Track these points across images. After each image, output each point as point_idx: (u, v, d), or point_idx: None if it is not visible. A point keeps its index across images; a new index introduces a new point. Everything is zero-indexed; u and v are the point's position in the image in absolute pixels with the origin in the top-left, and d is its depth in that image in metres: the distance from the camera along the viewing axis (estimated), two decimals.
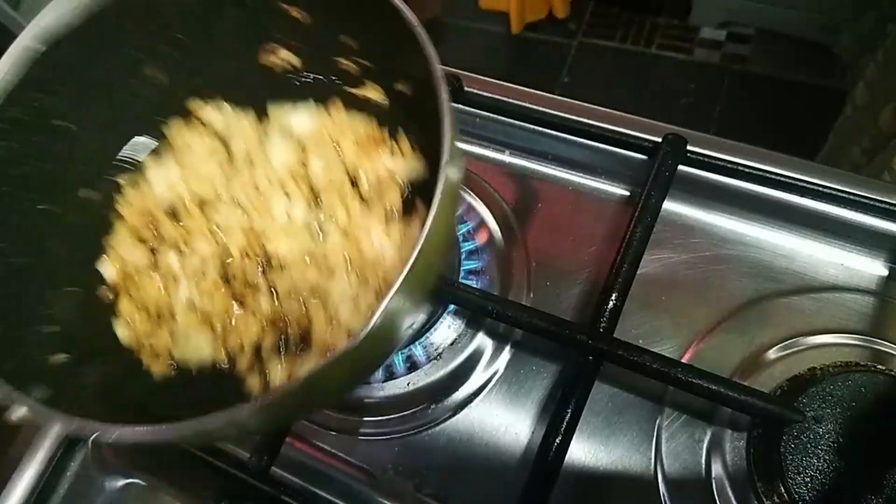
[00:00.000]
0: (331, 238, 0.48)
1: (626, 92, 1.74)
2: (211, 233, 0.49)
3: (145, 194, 0.51)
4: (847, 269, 0.54)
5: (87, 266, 0.49)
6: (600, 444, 0.51)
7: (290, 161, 0.51)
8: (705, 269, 0.56)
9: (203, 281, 0.48)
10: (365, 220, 0.47)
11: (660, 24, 1.81)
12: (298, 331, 0.46)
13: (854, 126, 1.02)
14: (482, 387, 0.54)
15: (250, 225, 0.49)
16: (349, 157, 0.50)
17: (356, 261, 0.47)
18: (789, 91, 1.62)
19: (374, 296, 0.45)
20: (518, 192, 0.64)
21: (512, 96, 0.63)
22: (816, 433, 0.43)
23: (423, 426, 0.54)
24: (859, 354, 0.49)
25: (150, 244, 0.50)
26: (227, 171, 0.51)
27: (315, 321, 0.45)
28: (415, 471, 0.52)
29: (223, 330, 0.47)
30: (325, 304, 0.46)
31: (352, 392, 0.52)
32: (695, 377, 0.45)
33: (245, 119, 0.53)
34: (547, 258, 0.59)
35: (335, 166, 0.50)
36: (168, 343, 0.47)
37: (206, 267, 0.48)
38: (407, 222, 0.47)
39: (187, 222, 0.50)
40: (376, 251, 0.46)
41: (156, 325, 0.48)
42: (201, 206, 0.50)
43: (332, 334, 0.45)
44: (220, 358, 0.46)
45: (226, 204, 0.50)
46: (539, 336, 0.50)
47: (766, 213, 0.57)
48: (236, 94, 0.53)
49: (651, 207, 0.53)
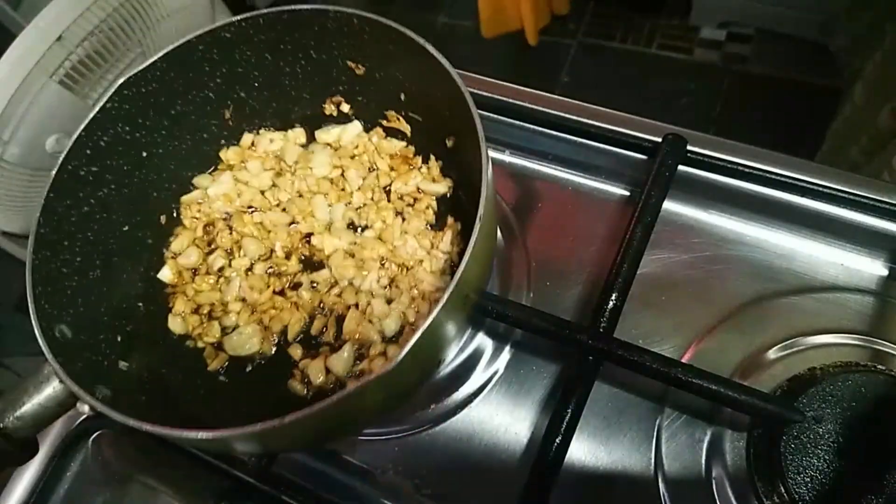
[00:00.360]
0: (368, 240, 0.55)
1: (626, 92, 1.74)
2: (259, 235, 0.57)
3: (205, 206, 0.59)
4: (847, 269, 0.54)
5: (147, 276, 0.56)
6: (600, 444, 0.51)
7: (331, 172, 0.59)
8: (705, 269, 0.56)
9: (252, 277, 0.56)
10: (398, 228, 0.55)
11: (660, 24, 1.81)
12: (335, 323, 0.53)
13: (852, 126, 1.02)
14: (482, 387, 0.54)
15: (296, 227, 0.57)
16: (383, 173, 0.58)
17: (390, 260, 0.54)
18: (789, 91, 1.62)
19: (407, 298, 0.52)
20: (518, 191, 0.64)
21: (512, 96, 0.63)
22: (816, 433, 0.43)
23: (423, 426, 0.54)
24: (859, 354, 0.49)
25: (207, 248, 0.58)
26: (276, 181, 0.59)
27: (350, 314, 0.52)
28: (415, 470, 0.52)
29: (270, 320, 0.53)
30: (360, 298, 0.53)
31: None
32: (695, 377, 0.45)
33: (295, 137, 0.61)
34: (547, 258, 0.59)
35: (371, 180, 0.58)
36: (218, 334, 0.53)
37: (255, 265, 0.57)
38: (437, 234, 0.55)
39: (239, 227, 0.57)
40: (409, 254, 0.53)
41: (207, 320, 0.55)
42: (252, 212, 0.59)
43: (363, 328, 0.51)
44: (267, 350, 0.53)
45: (273, 209, 0.58)
46: (539, 336, 0.50)
47: (766, 213, 0.57)
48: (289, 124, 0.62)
49: (651, 207, 0.53)
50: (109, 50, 0.82)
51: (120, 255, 0.53)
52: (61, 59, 0.77)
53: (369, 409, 0.43)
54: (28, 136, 0.79)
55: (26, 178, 0.84)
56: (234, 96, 0.58)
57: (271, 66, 0.56)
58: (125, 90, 0.50)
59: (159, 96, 0.53)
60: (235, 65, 0.55)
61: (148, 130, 0.54)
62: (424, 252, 0.53)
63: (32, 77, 0.75)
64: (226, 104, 0.58)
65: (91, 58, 0.80)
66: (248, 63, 0.55)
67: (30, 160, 0.82)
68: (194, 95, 0.55)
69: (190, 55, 0.52)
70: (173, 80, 0.53)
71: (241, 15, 0.51)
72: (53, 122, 0.81)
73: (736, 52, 1.71)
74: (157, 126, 0.54)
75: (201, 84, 0.55)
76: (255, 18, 0.51)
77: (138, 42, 0.86)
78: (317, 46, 0.54)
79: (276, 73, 0.57)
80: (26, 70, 0.75)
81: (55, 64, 0.77)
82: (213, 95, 0.56)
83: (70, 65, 0.78)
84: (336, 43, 0.53)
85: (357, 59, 0.55)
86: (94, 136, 0.50)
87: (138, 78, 0.51)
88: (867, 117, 0.95)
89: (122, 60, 0.86)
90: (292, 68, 0.57)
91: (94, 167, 0.50)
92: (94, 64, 0.81)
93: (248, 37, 0.53)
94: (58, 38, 0.76)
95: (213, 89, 0.56)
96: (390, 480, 0.52)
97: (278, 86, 0.58)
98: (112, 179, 0.52)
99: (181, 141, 0.57)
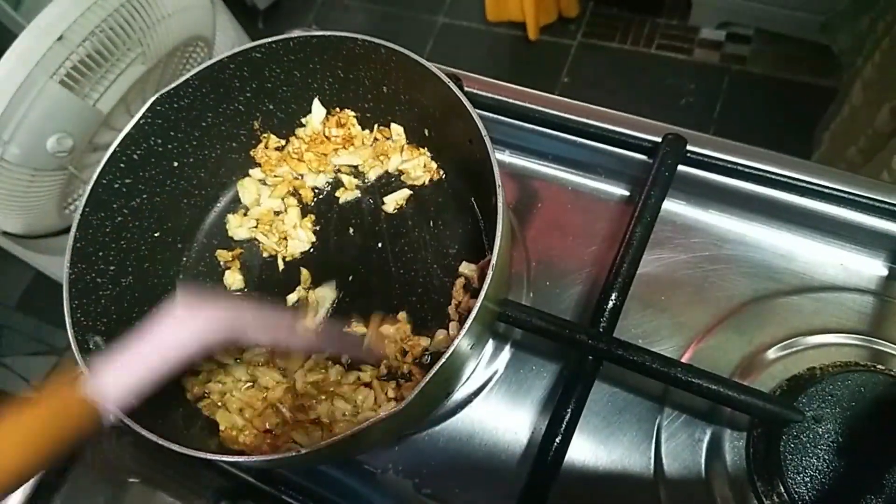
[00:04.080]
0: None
1: (625, 92, 1.74)
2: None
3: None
4: (846, 268, 0.54)
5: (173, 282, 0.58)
6: (600, 444, 0.51)
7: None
8: (705, 269, 0.56)
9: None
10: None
11: (659, 25, 1.81)
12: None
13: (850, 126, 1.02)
14: (482, 386, 0.55)
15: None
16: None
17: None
18: (788, 91, 1.62)
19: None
20: (518, 191, 0.64)
21: (512, 96, 0.63)
22: (816, 433, 0.43)
23: (424, 426, 0.54)
24: (859, 354, 0.49)
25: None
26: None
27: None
28: (415, 470, 0.52)
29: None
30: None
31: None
32: (694, 377, 0.45)
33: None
34: (547, 258, 0.59)
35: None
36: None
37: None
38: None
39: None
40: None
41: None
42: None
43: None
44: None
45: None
46: (539, 336, 0.50)
47: (766, 213, 0.57)
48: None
49: (651, 207, 0.53)
50: (110, 50, 0.82)
51: (152, 262, 0.55)
52: (62, 58, 0.77)
53: (375, 440, 0.46)
54: (29, 136, 0.79)
55: (27, 178, 0.84)
56: (262, 108, 0.60)
57: (300, 83, 0.58)
58: (158, 106, 0.52)
59: (191, 111, 0.55)
60: (265, 80, 0.57)
61: (179, 142, 0.56)
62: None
63: (33, 77, 0.75)
64: (255, 115, 0.60)
65: (92, 58, 0.80)
66: (278, 79, 0.57)
67: (30, 160, 0.82)
68: (225, 108, 0.57)
69: (221, 72, 0.54)
70: (205, 96, 0.55)
71: (271, 38, 0.53)
72: (54, 122, 0.81)
73: (735, 52, 1.71)
74: (189, 137, 0.56)
75: (231, 98, 0.57)
76: (285, 41, 0.54)
77: (139, 42, 0.86)
78: (344, 67, 0.57)
79: (305, 88, 0.59)
80: (27, 70, 0.75)
81: (56, 64, 0.77)
82: (242, 108, 0.58)
83: (71, 65, 0.78)
84: (363, 66, 0.55)
85: (384, 82, 0.57)
86: (128, 151, 0.52)
87: (171, 94, 0.53)
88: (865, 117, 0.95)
89: (123, 60, 0.86)
90: (320, 85, 0.59)
91: (128, 179, 0.52)
92: (95, 64, 0.81)
93: (278, 56, 0.55)
94: (58, 38, 0.76)
95: (244, 102, 0.58)
96: (391, 480, 0.52)
97: (307, 100, 0.60)
98: (144, 189, 0.54)
99: (211, 150, 0.59)
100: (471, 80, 0.64)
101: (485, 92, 0.64)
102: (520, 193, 0.64)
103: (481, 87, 0.64)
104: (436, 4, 2.01)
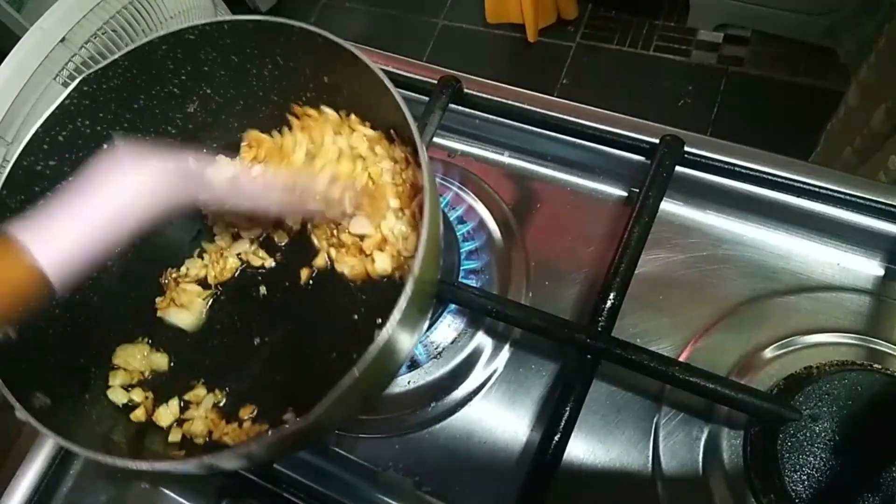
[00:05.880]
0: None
1: (623, 93, 1.74)
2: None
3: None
4: (843, 268, 0.55)
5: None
6: (598, 442, 0.51)
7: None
8: (702, 269, 0.57)
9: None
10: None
11: (657, 27, 1.81)
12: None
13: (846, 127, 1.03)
14: (482, 385, 0.55)
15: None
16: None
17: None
18: (786, 93, 1.62)
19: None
20: (517, 192, 0.64)
21: (511, 98, 0.64)
22: (813, 431, 0.43)
23: (423, 424, 0.54)
24: (855, 353, 0.49)
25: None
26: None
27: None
28: (415, 468, 0.53)
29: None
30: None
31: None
32: (692, 376, 0.45)
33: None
34: (546, 258, 0.60)
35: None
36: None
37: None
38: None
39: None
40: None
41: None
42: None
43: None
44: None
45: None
46: (538, 335, 0.50)
47: (763, 214, 0.57)
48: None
49: (649, 208, 0.54)
50: (113, 52, 0.83)
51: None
52: (65, 60, 0.77)
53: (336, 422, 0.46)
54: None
55: None
56: (199, 92, 0.57)
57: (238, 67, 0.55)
58: (84, 86, 0.50)
59: (121, 91, 0.52)
60: (201, 63, 0.54)
61: (109, 124, 0.53)
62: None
63: (36, 79, 0.76)
64: (191, 99, 0.57)
65: (95, 60, 0.81)
66: (214, 62, 0.55)
67: None
68: (158, 90, 0.55)
69: (153, 53, 0.52)
70: (136, 77, 0.52)
71: (205, 20, 0.51)
72: None
73: (733, 53, 1.72)
74: (119, 119, 0.54)
75: (165, 80, 0.54)
76: (219, 24, 0.51)
77: None
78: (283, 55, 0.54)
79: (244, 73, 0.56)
80: (30, 72, 0.75)
81: (59, 66, 0.77)
82: (177, 90, 0.56)
83: (74, 66, 0.79)
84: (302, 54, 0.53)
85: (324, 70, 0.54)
86: (52, 132, 0.49)
87: (98, 74, 0.50)
88: (861, 118, 0.95)
89: None
90: (259, 70, 0.56)
91: (52, 161, 0.50)
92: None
93: (213, 39, 0.53)
94: (61, 40, 0.76)
95: (178, 85, 0.55)
96: (391, 478, 0.52)
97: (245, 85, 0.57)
98: (70, 172, 0.51)
99: (144, 134, 0.56)
100: (470, 81, 0.65)
101: (483, 93, 0.64)
102: (519, 194, 0.64)
103: (480, 88, 0.64)
104: (436, 6, 2.02)
